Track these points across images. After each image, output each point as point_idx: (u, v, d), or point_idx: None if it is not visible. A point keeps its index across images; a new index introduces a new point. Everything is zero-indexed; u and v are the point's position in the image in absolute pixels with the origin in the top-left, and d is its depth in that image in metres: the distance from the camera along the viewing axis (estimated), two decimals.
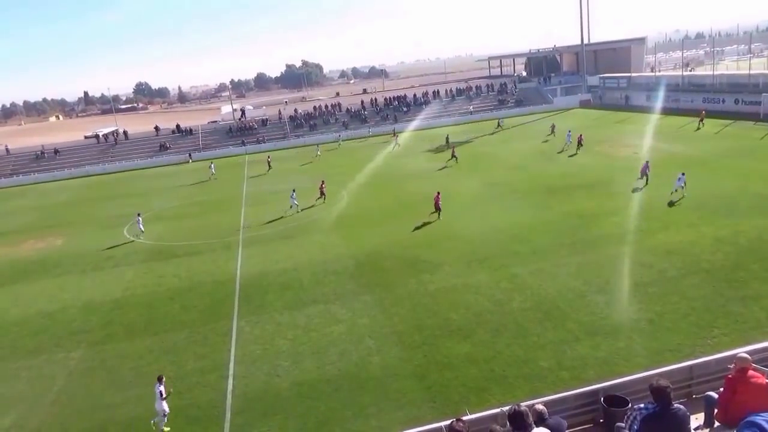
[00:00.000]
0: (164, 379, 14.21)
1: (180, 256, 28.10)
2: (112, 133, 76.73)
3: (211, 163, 56.10)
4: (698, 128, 46.69)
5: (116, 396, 15.67)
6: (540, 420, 6.56)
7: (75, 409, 15.31)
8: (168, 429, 13.95)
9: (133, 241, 32.07)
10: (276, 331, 18.39)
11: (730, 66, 72.01)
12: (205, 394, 15.28)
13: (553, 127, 54.76)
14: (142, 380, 16.29)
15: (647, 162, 31.83)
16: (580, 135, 45.27)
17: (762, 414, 1.70)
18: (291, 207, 34.19)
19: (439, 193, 30.16)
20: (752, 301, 16.54)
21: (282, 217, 33.26)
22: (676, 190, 27.96)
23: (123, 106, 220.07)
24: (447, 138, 55.51)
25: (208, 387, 15.62)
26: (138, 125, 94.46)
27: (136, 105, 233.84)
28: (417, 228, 28.13)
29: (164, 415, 13.87)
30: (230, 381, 15.74)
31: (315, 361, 16.21)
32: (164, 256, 28.43)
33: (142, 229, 32.89)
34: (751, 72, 56.47)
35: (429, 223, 28.73)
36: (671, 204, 27.17)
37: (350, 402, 14.07)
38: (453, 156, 45.73)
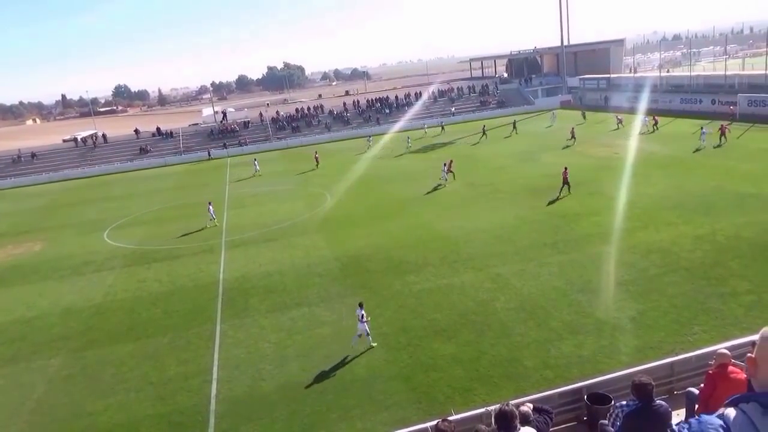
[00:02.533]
0: (364, 305, 16.77)
1: (161, 260, 27.78)
2: (91, 136, 75.62)
3: (255, 158, 53.72)
4: (731, 122, 46.94)
5: (97, 403, 15.43)
6: (524, 420, 6.59)
7: (55, 417, 15.04)
8: (375, 344, 16.54)
9: (208, 228, 32.69)
10: (260, 335, 18.27)
11: (706, 67, 73.27)
12: (188, 399, 15.12)
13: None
14: (124, 386, 16.09)
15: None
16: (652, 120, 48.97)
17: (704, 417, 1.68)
18: (442, 179, 37.47)
19: (566, 168, 31.23)
20: (731, 298, 16.83)
21: (438, 187, 36.76)
22: (703, 141, 38.29)
23: (102, 109, 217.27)
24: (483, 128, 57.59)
25: (192, 392, 15.46)
26: (117, 128, 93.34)
27: (115, 108, 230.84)
28: (401, 229, 28.16)
29: (367, 335, 16.43)
30: (214, 385, 15.59)
31: (300, 364, 16.13)
32: (145, 260, 28.09)
33: (214, 216, 33.09)
34: (727, 73, 57.52)
35: (412, 221, 28.81)
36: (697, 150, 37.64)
37: (335, 404, 14.03)
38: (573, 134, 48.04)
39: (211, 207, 33.61)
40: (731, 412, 1.87)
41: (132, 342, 18.99)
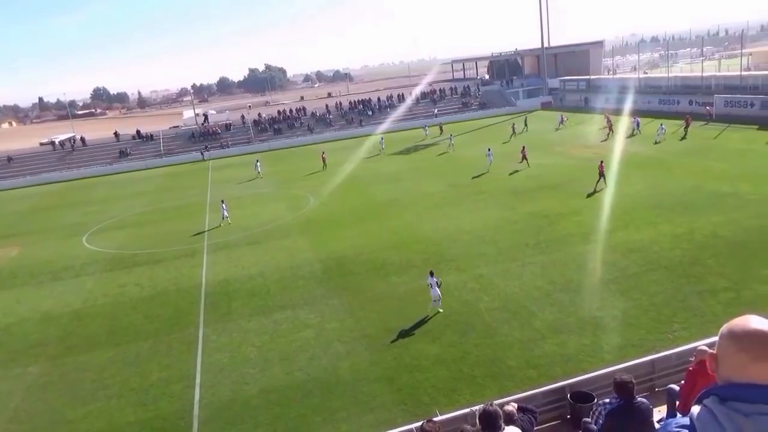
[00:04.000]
0: (434, 273, 18.21)
1: (142, 264, 27.43)
2: (69, 139, 74.36)
3: (257, 160, 51.39)
4: (707, 122, 47.52)
5: (77, 411, 15.16)
6: (509, 420, 6.62)
7: (34, 426, 14.76)
8: (441, 310, 17.89)
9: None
10: (243, 339, 18.12)
11: (684, 68, 74.49)
12: (171, 405, 14.93)
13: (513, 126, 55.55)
14: (105, 393, 15.84)
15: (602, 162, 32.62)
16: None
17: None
18: (488, 164, 39.69)
19: (602, 162, 31.96)
20: (709, 296, 17.10)
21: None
22: (659, 135, 42.17)
23: (80, 112, 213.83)
24: (513, 126, 55.27)
25: (174, 397, 15.27)
26: (96, 131, 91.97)
27: (94, 110, 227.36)
28: (384, 230, 28.15)
29: (439, 300, 17.83)
30: (197, 390, 15.43)
31: (284, 368, 16.03)
32: (126, 264, 27.71)
33: (227, 215, 32.82)
34: (704, 74, 58.56)
35: (395, 223, 28.83)
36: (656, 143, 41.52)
37: (320, 407, 13.96)
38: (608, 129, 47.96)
39: (224, 205, 33.37)
40: (696, 409, 1.98)
41: (112, 348, 18.70)
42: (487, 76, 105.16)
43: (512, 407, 7.06)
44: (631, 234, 23.33)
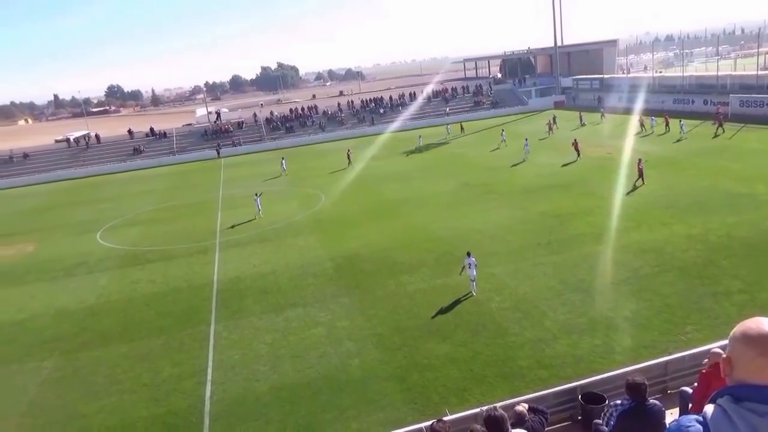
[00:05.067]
0: (471, 253, 19.29)
1: (155, 261, 27.66)
2: (84, 136, 75.11)
3: (282, 157, 51.33)
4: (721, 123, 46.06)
5: (91, 405, 15.34)
6: (519, 422, 6.59)
7: (48, 420, 14.96)
8: (474, 293, 19.04)
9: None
10: (254, 336, 18.23)
11: (698, 68, 73.61)
12: (182, 401, 15.06)
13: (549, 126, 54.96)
14: (118, 388, 16.02)
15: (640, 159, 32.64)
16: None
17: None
18: (525, 153, 42.62)
19: (641, 159, 32.27)
20: (723, 297, 16.92)
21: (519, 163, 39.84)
22: (683, 132, 42.95)
23: (95, 110, 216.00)
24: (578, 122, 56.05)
25: (186, 393, 15.40)
26: (110, 128, 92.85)
27: (108, 108, 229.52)
28: (395, 229, 28.15)
29: (473, 280, 19.10)
30: (208, 387, 15.55)
31: (294, 365, 16.10)
32: (139, 261, 27.96)
33: (260, 207, 33.55)
34: (719, 73, 57.84)
35: (406, 222, 28.82)
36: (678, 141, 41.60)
37: (330, 405, 14.01)
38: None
39: (258, 199, 33.81)
40: (709, 408, 1.99)
41: (125, 343, 18.89)
42: (499, 75, 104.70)
43: (523, 408, 7.04)
44: (644, 234, 23.14)
